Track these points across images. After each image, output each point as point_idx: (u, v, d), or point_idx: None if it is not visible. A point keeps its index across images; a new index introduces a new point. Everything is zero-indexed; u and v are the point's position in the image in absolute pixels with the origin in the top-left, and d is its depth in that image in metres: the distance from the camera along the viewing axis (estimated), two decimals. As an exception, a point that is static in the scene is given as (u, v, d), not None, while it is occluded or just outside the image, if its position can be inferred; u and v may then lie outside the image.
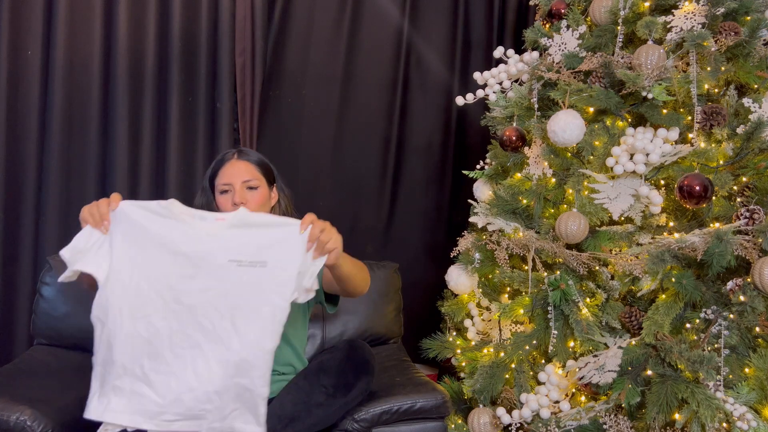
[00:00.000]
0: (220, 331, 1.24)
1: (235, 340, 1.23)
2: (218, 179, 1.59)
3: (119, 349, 1.23)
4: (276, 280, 1.25)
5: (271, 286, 1.25)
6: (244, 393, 1.23)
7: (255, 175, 1.59)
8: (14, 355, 2.26)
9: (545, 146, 1.77)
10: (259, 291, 1.25)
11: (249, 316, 1.24)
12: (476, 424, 1.74)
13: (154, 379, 1.22)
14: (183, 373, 1.22)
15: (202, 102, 2.43)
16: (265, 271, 1.26)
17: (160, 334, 1.23)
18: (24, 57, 2.25)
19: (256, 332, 1.24)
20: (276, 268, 1.26)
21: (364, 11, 2.65)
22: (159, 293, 1.25)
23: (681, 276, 1.51)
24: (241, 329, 1.24)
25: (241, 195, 1.54)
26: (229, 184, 1.56)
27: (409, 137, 2.76)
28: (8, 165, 2.25)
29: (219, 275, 1.25)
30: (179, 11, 2.36)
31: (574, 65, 1.74)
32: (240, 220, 1.30)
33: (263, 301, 1.25)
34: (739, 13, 1.63)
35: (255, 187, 1.57)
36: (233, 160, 1.60)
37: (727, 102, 1.64)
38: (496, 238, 1.81)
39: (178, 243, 1.27)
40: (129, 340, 1.23)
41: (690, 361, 1.44)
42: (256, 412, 1.24)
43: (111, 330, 1.23)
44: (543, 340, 1.67)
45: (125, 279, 1.25)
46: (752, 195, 1.56)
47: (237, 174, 1.57)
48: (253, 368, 1.22)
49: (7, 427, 1.40)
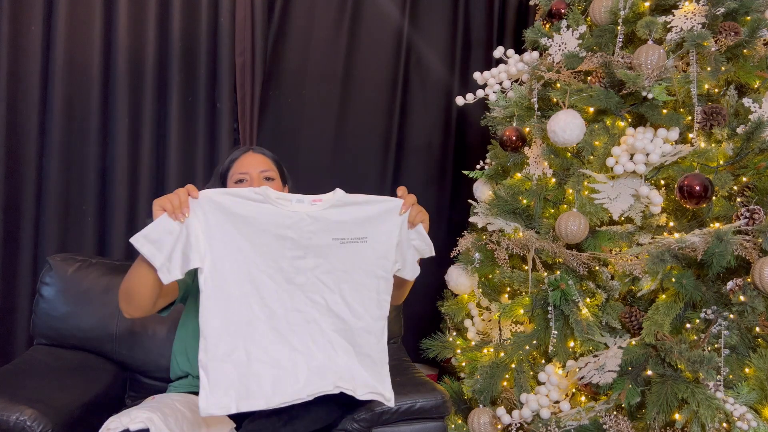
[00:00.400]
0: (332, 304, 1.31)
1: (347, 312, 1.32)
2: (234, 169, 1.56)
3: (241, 335, 1.25)
4: (377, 254, 1.34)
5: (373, 259, 1.33)
6: (365, 359, 1.31)
7: (271, 167, 1.57)
8: (14, 355, 2.26)
9: (545, 146, 1.77)
10: (362, 265, 1.33)
11: (356, 289, 1.33)
12: (476, 424, 1.74)
13: (280, 357, 1.27)
14: (304, 347, 1.29)
15: (202, 102, 2.43)
16: (366, 246, 1.33)
17: (277, 314, 1.28)
18: (24, 57, 2.25)
19: (365, 302, 1.33)
20: (376, 242, 1.34)
21: (364, 11, 2.65)
22: (271, 277, 1.28)
23: (681, 276, 1.51)
24: (350, 301, 1.32)
25: (259, 184, 1.51)
26: (246, 173, 1.53)
27: (409, 137, 2.76)
28: (8, 165, 2.25)
29: (325, 253, 1.31)
30: (179, 11, 2.36)
31: (574, 65, 1.74)
32: (338, 200, 1.33)
33: (367, 274, 1.33)
34: (739, 13, 1.63)
35: (271, 179, 1.55)
36: (250, 153, 1.59)
37: (727, 102, 1.64)
38: (496, 238, 1.81)
39: (281, 226, 1.28)
40: (249, 326, 1.26)
41: (690, 361, 1.44)
42: (380, 377, 1.32)
43: (230, 319, 1.25)
44: (543, 340, 1.67)
45: (234, 267, 1.25)
46: (752, 195, 1.56)
47: (254, 164, 1.55)
48: (368, 335, 1.32)
49: (7, 427, 1.40)
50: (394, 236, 1.35)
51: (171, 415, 1.29)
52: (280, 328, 1.28)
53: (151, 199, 2.37)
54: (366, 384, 1.30)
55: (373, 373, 1.31)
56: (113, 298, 1.87)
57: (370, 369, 1.31)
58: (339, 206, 1.33)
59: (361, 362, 1.31)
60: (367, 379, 1.31)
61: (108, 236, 2.38)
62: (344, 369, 1.29)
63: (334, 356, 1.30)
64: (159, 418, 1.23)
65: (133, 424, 1.20)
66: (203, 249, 1.23)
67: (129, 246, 2.37)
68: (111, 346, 1.87)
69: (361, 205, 1.34)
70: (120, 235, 2.37)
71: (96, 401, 1.66)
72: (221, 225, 1.24)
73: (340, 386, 1.27)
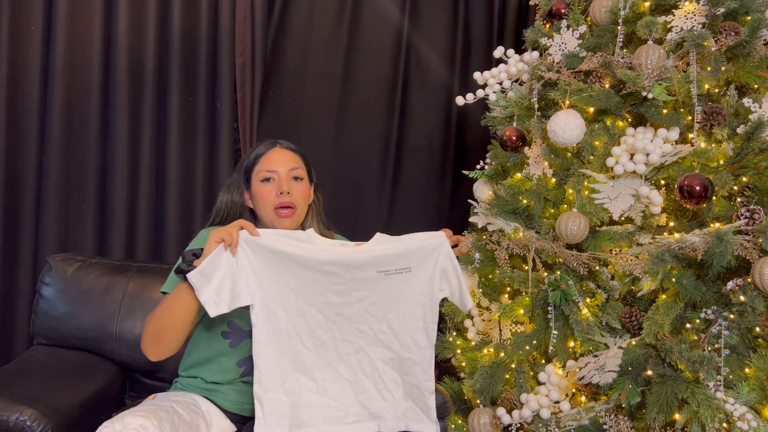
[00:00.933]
0: (380, 334, 1.35)
1: (394, 341, 1.35)
2: (260, 165, 1.50)
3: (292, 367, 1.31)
4: (421, 282, 1.36)
5: (417, 287, 1.36)
6: (412, 390, 1.34)
7: (300, 165, 1.52)
8: (14, 355, 2.26)
9: (545, 146, 1.77)
10: (407, 294, 1.36)
11: (403, 319, 1.36)
12: (476, 424, 1.74)
13: (330, 387, 1.32)
14: (353, 376, 1.33)
15: (202, 102, 2.44)
16: (410, 276, 1.36)
17: (326, 345, 1.34)
18: (24, 57, 2.25)
19: (411, 332, 1.35)
20: (419, 270, 1.37)
21: (364, 11, 2.65)
22: (320, 310, 1.33)
23: (681, 276, 1.50)
24: (398, 330, 1.35)
25: (288, 184, 1.47)
26: (275, 171, 1.48)
27: (409, 137, 2.76)
28: (8, 165, 2.25)
29: (370, 286, 1.34)
30: (179, 11, 2.37)
31: (574, 65, 1.74)
32: (380, 240, 1.39)
33: (413, 303, 1.36)
34: (740, 13, 1.62)
35: (300, 178, 1.51)
36: (278, 148, 1.52)
37: (728, 102, 1.64)
38: (496, 238, 1.81)
39: (326, 263, 1.33)
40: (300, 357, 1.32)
41: (690, 361, 1.44)
42: (426, 407, 1.34)
43: (281, 352, 1.31)
44: (543, 341, 1.67)
45: (284, 301, 1.32)
46: (752, 195, 1.56)
47: (283, 161, 1.49)
48: (414, 365, 1.34)
49: (7, 427, 1.40)
50: (439, 264, 1.38)
51: (167, 420, 1.27)
52: (329, 358, 1.33)
53: (151, 199, 2.39)
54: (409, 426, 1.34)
55: (420, 403, 1.33)
56: (113, 298, 1.87)
57: (417, 400, 1.34)
58: (381, 243, 1.38)
59: (408, 393, 1.34)
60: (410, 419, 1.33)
61: (108, 236, 2.38)
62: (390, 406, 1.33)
63: (381, 386, 1.33)
64: (153, 425, 1.21)
65: (126, 430, 1.19)
66: (253, 286, 1.30)
67: (129, 246, 2.38)
68: (111, 346, 1.87)
69: (404, 240, 1.39)
70: (120, 235, 2.37)
71: (96, 401, 1.66)
72: (269, 262, 1.31)
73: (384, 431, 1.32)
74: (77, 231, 2.35)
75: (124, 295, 1.88)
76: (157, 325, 1.33)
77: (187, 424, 1.34)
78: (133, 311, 1.87)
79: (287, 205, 1.47)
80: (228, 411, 1.51)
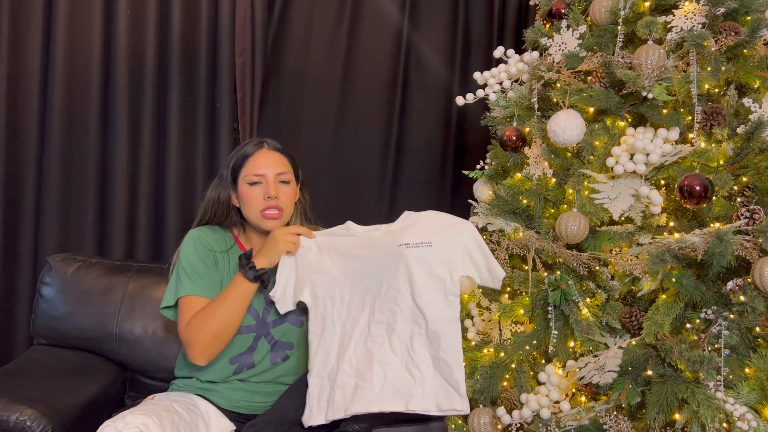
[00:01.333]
0: (406, 310, 1.38)
1: (420, 316, 1.37)
2: (247, 168, 1.49)
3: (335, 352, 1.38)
4: (441, 257, 1.39)
5: (438, 261, 1.39)
6: (440, 364, 1.34)
7: (288, 168, 1.52)
8: (14, 355, 2.26)
9: (545, 146, 1.77)
10: (427, 267, 1.38)
11: (425, 291, 1.37)
12: (476, 424, 1.74)
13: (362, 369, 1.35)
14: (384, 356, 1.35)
15: (202, 102, 2.44)
16: (431, 250, 1.39)
17: (363, 329, 1.39)
18: (24, 57, 2.25)
19: (434, 304, 1.37)
20: (440, 246, 1.40)
21: (363, 11, 2.65)
22: (359, 296, 1.41)
23: (681, 276, 1.51)
24: (421, 305, 1.37)
25: (275, 188, 1.47)
26: (262, 175, 1.48)
27: (409, 137, 2.75)
28: (8, 165, 2.25)
29: (393, 261, 1.39)
30: (179, 11, 2.37)
31: (574, 65, 1.74)
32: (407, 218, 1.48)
33: (433, 276, 1.38)
34: (740, 13, 1.62)
35: (287, 182, 1.51)
36: (265, 150, 1.52)
37: (727, 102, 1.64)
38: (496, 238, 1.81)
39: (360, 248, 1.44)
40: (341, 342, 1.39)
41: (690, 361, 1.44)
42: (455, 381, 1.34)
43: (327, 339, 1.39)
44: (543, 340, 1.67)
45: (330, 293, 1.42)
46: (752, 195, 1.56)
47: (271, 164, 1.49)
48: (441, 337, 1.35)
49: (7, 427, 1.40)
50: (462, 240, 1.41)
51: (167, 418, 1.28)
52: (364, 341, 1.38)
53: (151, 199, 2.40)
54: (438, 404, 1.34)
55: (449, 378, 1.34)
56: (113, 298, 1.87)
57: (445, 374, 1.35)
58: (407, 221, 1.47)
59: (437, 368, 1.35)
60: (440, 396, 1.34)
61: (108, 236, 2.38)
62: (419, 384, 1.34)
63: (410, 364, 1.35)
64: (155, 423, 1.22)
65: (127, 429, 1.19)
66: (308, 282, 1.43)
67: (129, 246, 2.38)
68: (111, 346, 1.87)
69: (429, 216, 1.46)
70: (120, 235, 2.37)
71: (96, 401, 1.66)
72: (319, 259, 1.45)
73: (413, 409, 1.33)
74: (77, 231, 2.34)
75: (124, 295, 1.88)
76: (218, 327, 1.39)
77: (187, 423, 1.34)
78: (133, 311, 1.86)
79: (274, 208, 1.49)
80: (225, 409, 1.51)
